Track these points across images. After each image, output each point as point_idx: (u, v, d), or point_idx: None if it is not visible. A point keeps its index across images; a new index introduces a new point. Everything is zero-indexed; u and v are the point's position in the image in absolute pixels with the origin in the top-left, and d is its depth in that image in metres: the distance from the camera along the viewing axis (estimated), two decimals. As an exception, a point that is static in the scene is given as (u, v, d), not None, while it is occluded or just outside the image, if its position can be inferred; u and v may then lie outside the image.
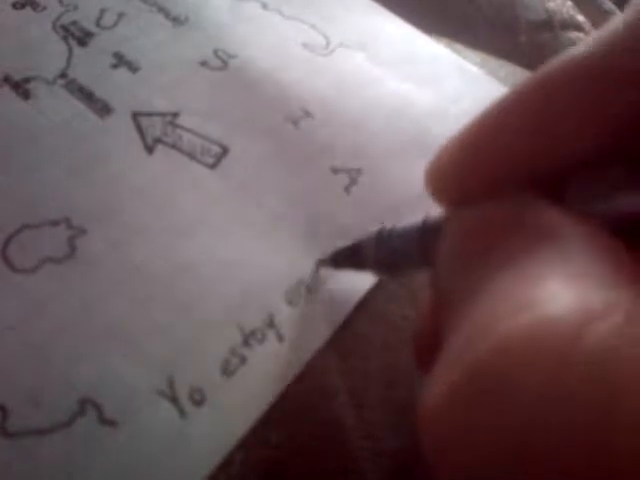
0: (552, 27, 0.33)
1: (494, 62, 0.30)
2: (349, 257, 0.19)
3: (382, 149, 0.24)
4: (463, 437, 0.10)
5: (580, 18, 0.34)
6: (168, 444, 0.18)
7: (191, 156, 0.23)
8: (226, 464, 0.18)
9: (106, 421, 0.18)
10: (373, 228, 0.17)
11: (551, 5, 0.33)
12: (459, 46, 0.29)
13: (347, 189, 0.23)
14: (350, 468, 0.19)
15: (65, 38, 0.24)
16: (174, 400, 0.18)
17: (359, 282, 0.21)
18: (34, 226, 0.20)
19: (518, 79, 0.29)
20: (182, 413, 0.18)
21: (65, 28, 0.25)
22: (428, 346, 0.16)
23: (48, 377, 0.18)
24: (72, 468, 0.17)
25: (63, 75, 0.23)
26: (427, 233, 0.15)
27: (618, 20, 0.12)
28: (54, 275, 0.19)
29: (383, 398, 0.20)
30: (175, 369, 0.19)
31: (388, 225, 0.17)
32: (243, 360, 0.19)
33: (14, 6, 0.25)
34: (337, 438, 0.19)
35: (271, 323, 0.20)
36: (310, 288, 0.21)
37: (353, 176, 0.23)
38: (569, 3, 0.34)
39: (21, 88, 0.23)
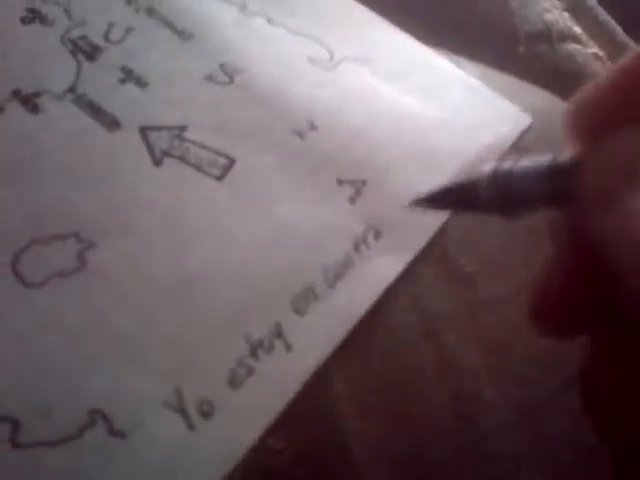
0: (550, 39, 0.33)
1: (493, 74, 0.30)
2: (454, 196, 0.17)
3: (386, 161, 0.24)
4: None
5: (577, 30, 0.34)
6: (176, 456, 0.18)
7: (198, 168, 0.23)
8: (229, 472, 0.18)
9: (115, 433, 0.18)
10: (485, 167, 0.16)
11: (548, 17, 0.34)
12: (459, 59, 0.30)
13: (352, 200, 0.23)
14: (351, 475, 0.19)
15: (73, 52, 0.24)
16: (182, 412, 0.18)
17: (367, 292, 0.21)
18: (43, 240, 0.20)
19: (516, 90, 0.29)
20: (190, 425, 0.18)
21: (73, 42, 0.25)
22: (553, 303, 0.15)
23: (58, 389, 0.18)
24: (81, 479, 0.17)
25: (72, 89, 0.24)
26: (557, 173, 0.14)
27: None
28: (64, 289, 0.20)
29: (384, 405, 0.20)
30: (183, 380, 0.19)
31: (505, 164, 0.16)
32: (250, 371, 0.19)
33: (22, 20, 0.25)
34: (338, 445, 0.19)
35: (279, 333, 0.20)
36: (317, 295, 0.21)
37: (358, 187, 0.23)
38: (566, 15, 0.35)
39: (30, 103, 0.23)
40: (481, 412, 0.20)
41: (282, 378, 0.20)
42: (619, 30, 0.33)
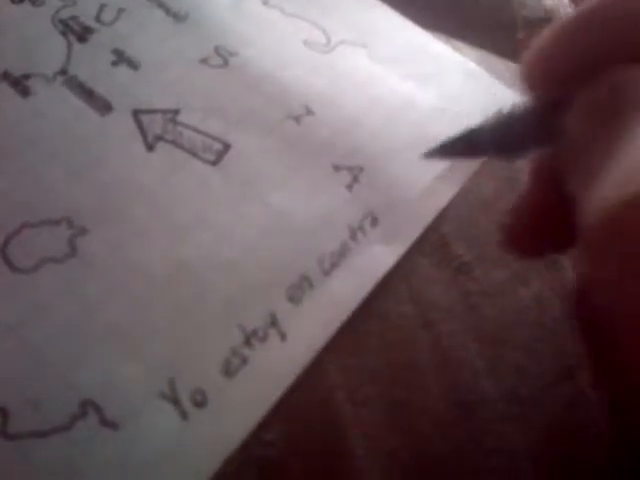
0: (549, 24, 0.33)
1: (492, 60, 0.30)
2: (463, 144, 0.19)
3: (383, 147, 0.24)
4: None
5: (578, 16, 0.34)
6: (169, 446, 0.18)
7: (192, 153, 0.22)
8: (223, 463, 0.18)
9: (107, 423, 0.17)
10: (488, 115, 0.18)
11: (549, 3, 0.33)
12: (458, 43, 0.29)
13: (349, 186, 0.23)
14: (347, 466, 0.19)
15: (64, 33, 0.24)
16: (175, 402, 0.18)
17: (363, 281, 0.21)
18: (34, 225, 0.20)
19: (515, 76, 0.29)
20: (183, 415, 0.18)
21: (64, 23, 0.24)
22: (526, 229, 0.18)
23: (48, 379, 0.18)
24: (72, 470, 0.17)
25: (63, 71, 0.23)
26: (547, 114, 0.16)
27: None
28: (54, 275, 0.19)
29: (380, 396, 0.20)
30: (176, 370, 0.18)
31: (504, 110, 0.17)
32: (244, 360, 0.19)
33: (12, 0, 0.24)
34: (334, 435, 0.19)
35: (273, 322, 0.20)
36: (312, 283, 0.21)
37: (355, 174, 0.23)
38: (566, 1, 0.34)
39: (20, 85, 0.23)
40: (478, 402, 0.20)
41: (277, 368, 0.19)
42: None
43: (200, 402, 0.18)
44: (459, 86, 0.26)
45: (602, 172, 0.12)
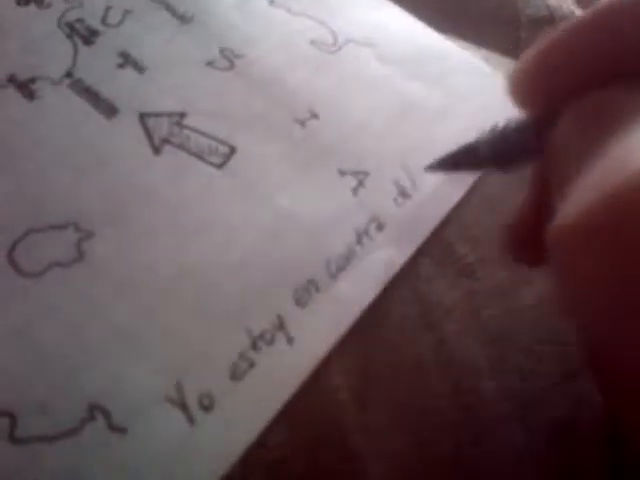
0: (553, 23, 0.33)
1: (495, 58, 0.30)
2: (464, 157, 0.20)
3: (389, 151, 0.24)
4: (596, 250, 0.11)
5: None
6: (177, 450, 0.18)
7: (199, 156, 0.22)
8: (230, 466, 0.18)
9: (115, 427, 0.18)
10: (484, 129, 0.19)
11: (552, 1, 0.33)
12: (461, 42, 0.29)
13: (354, 191, 0.23)
14: (350, 468, 0.19)
15: (70, 36, 0.24)
16: (183, 406, 0.18)
17: (369, 284, 0.21)
18: (40, 230, 0.20)
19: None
20: (191, 419, 0.18)
21: (70, 26, 0.24)
22: (524, 236, 0.18)
23: (56, 383, 0.18)
24: (80, 474, 0.17)
25: (69, 75, 0.23)
26: (538, 128, 0.16)
27: None
28: (62, 279, 0.19)
29: (384, 398, 0.20)
30: (183, 374, 0.19)
31: (500, 123, 0.18)
32: (252, 364, 0.19)
33: (18, 3, 0.24)
34: (337, 438, 0.19)
35: (280, 325, 0.20)
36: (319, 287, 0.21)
37: (360, 179, 0.23)
38: (570, -1, 0.34)
39: (26, 89, 0.23)
40: (481, 404, 0.20)
41: (284, 371, 0.19)
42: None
43: (207, 406, 0.18)
44: (467, 85, 0.26)
45: (572, 185, 0.13)
